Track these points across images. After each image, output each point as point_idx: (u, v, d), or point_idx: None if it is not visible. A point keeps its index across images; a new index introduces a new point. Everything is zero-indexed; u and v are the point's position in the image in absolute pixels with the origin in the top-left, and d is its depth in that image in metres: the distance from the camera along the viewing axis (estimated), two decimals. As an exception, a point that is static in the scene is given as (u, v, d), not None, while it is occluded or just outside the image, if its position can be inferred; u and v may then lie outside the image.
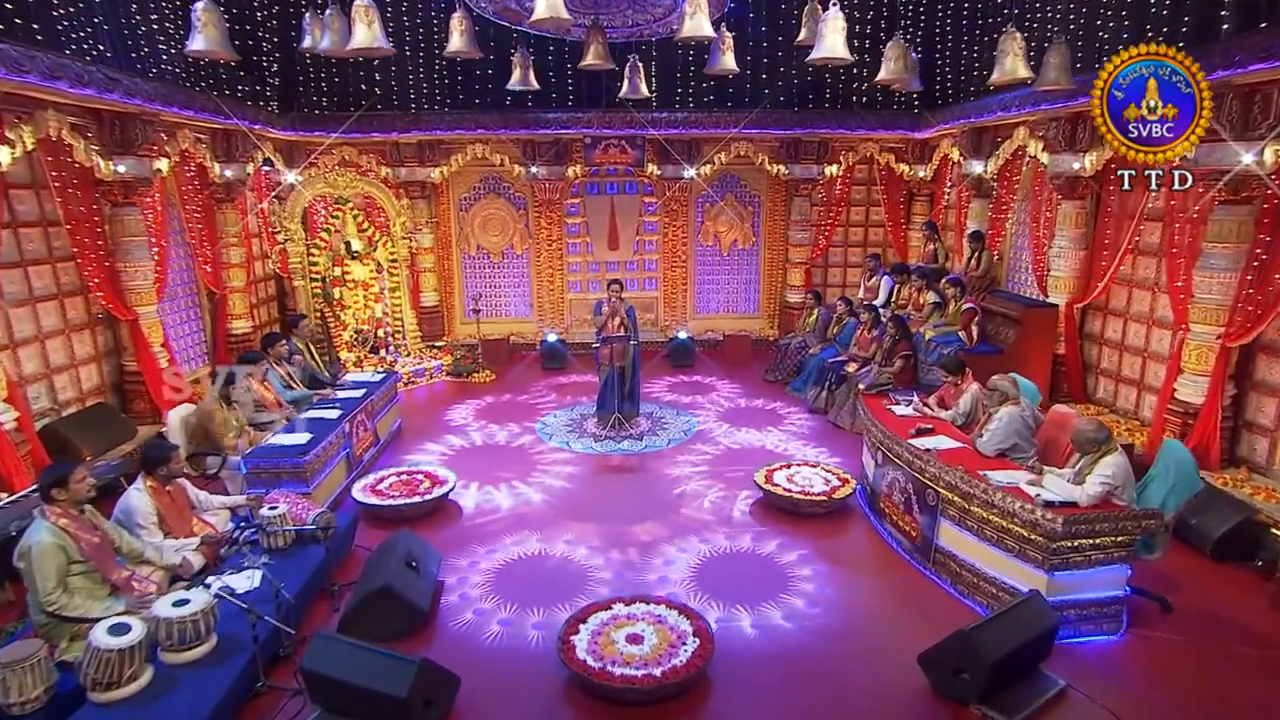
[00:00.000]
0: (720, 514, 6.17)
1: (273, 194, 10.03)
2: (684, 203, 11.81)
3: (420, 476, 6.36)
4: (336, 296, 9.69)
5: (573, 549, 5.59)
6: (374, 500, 5.95)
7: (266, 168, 10.24)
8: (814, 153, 11.23)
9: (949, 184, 11.02)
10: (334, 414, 6.55)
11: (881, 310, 9.10)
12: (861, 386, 8.08)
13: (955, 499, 4.85)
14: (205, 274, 8.86)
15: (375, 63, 10.88)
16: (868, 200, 12.17)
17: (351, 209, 9.84)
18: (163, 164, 7.46)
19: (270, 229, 9.35)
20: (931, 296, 8.63)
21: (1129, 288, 7.59)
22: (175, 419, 5.75)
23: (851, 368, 8.66)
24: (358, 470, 6.70)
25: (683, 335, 11.24)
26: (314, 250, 9.47)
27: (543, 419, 8.61)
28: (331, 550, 4.92)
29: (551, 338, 11.10)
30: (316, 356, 7.82)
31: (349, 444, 6.55)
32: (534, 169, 10.96)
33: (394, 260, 10.26)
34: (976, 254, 8.67)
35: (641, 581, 5.12)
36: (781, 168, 11.26)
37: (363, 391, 7.31)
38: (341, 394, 7.20)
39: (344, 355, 9.39)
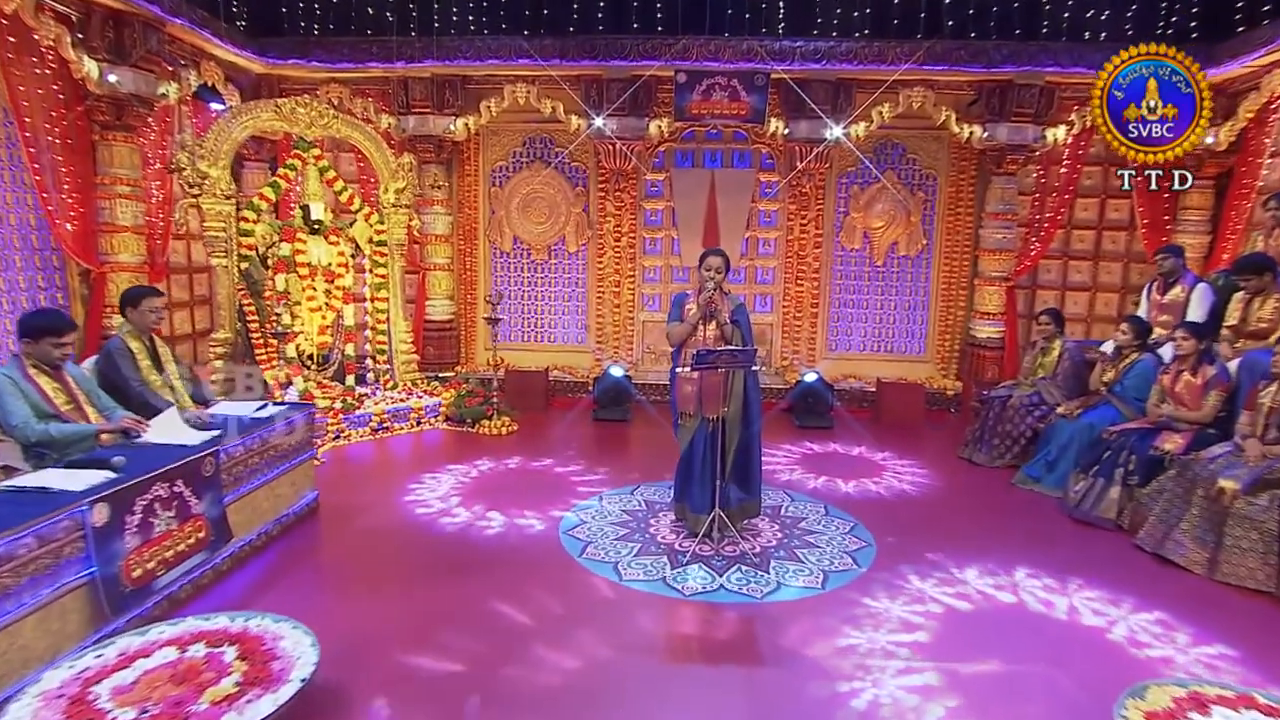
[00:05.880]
0: None
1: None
2: (820, 182, 7.92)
3: (224, 651, 2.50)
4: (279, 287, 6.20)
5: None
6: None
7: (216, 106, 7.08)
8: (1031, 105, 7.20)
9: (1269, 153, 6.71)
10: (80, 482, 2.87)
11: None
12: (1229, 484, 3.87)
13: None
14: (65, 236, 5.58)
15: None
16: (1104, 188, 7.93)
17: (318, 158, 6.46)
18: (-71, 12, 4.25)
19: (170, 165, 5.97)
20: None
21: None
22: None
23: (1172, 444, 4.44)
24: (127, 619, 2.94)
25: (811, 378, 7.22)
26: (247, 214, 6.05)
27: (575, 508, 4.72)
28: None
29: (616, 371, 7.30)
30: (172, 366, 4.24)
31: (99, 557, 2.79)
32: (600, 122, 7.35)
33: (381, 244, 6.78)
34: None
35: None
36: (976, 129, 7.27)
37: (210, 435, 3.64)
38: (160, 437, 3.55)
39: (271, 376, 5.81)
